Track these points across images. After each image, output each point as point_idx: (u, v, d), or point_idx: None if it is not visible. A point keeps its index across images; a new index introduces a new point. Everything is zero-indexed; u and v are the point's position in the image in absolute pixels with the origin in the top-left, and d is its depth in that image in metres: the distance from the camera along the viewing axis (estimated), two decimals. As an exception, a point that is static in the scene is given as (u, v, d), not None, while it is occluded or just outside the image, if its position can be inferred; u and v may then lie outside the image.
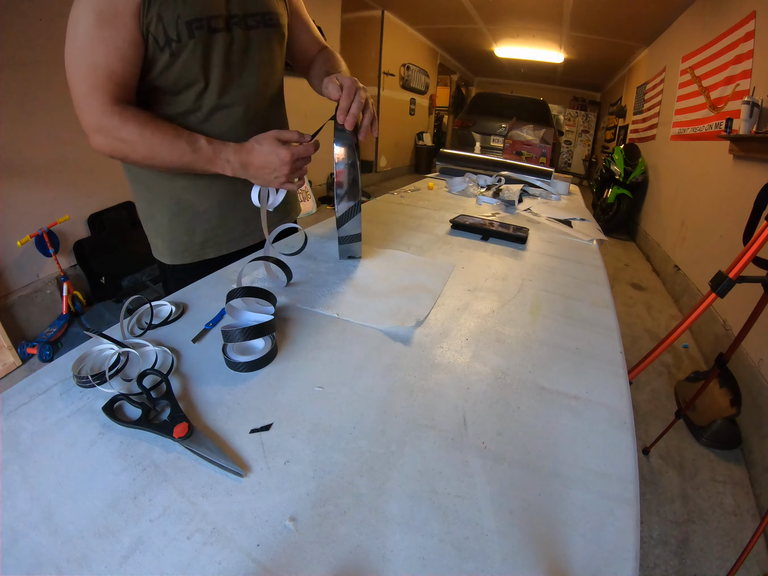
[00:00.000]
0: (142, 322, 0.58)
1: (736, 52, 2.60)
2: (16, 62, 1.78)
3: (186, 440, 0.37)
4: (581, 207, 1.62)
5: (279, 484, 0.36)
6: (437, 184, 1.73)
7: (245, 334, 0.48)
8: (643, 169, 4.43)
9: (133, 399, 0.42)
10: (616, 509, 0.36)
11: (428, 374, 0.51)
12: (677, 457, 1.54)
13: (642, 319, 2.67)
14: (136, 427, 0.39)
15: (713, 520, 1.30)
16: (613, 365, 0.56)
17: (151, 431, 0.39)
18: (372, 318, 0.62)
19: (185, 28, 0.67)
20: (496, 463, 0.40)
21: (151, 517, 0.33)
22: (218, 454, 0.36)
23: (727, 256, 2.09)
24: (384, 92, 6.16)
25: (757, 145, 2.10)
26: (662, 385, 1.97)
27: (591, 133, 9.50)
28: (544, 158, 2.59)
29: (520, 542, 0.33)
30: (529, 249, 1.00)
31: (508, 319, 0.66)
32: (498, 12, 5.02)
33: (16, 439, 0.38)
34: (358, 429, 0.42)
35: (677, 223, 3.33)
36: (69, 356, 0.50)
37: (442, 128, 9.43)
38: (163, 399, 0.42)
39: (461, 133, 6.37)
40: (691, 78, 3.40)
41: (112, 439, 0.39)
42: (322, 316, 0.62)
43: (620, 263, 3.81)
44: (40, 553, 0.30)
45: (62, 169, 2.06)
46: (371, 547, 0.32)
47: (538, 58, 6.92)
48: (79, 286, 2.19)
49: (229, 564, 0.30)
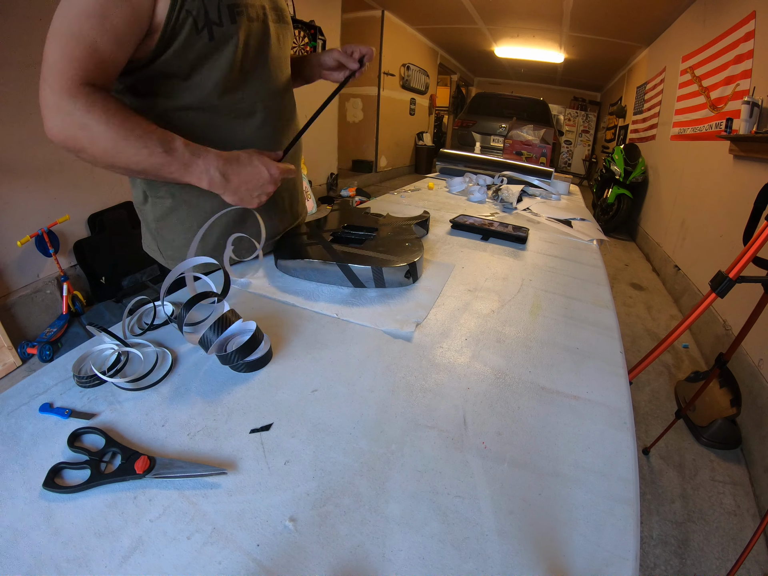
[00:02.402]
0: (143, 322, 0.58)
1: (736, 52, 2.60)
2: (16, 62, 1.78)
3: (151, 472, 0.35)
4: (581, 207, 1.62)
5: (279, 484, 0.36)
6: (437, 184, 1.73)
7: (242, 353, 0.47)
8: (643, 169, 4.43)
9: (73, 464, 0.36)
10: (616, 509, 0.36)
11: (428, 374, 0.51)
12: (677, 457, 1.54)
13: (642, 319, 2.67)
14: (91, 486, 0.34)
15: (713, 520, 1.30)
16: (613, 365, 0.56)
17: (110, 482, 0.35)
18: (372, 319, 0.62)
19: (227, 11, 0.60)
20: (496, 463, 0.40)
21: (151, 517, 0.33)
22: (191, 466, 0.35)
23: (727, 256, 2.09)
24: (384, 92, 6.16)
25: (757, 145, 2.09)
26: (662, 385, 1.97)
27: (591, 133, 9.50)
28: (544, 158, 2.59)
29: (520, 542, 0.33)
30: (529, 249, 1.00)
31: (508, 319, 0.66)
32: (498, 12, 5.02)
33: (16, 439, 0.38)
34: (358, 429, 0.42)
35: (677, 223, 3.33)
36: (69, 356, 0.50)
37: (442, 128, 9.43)
38: (109, 448, 0.38)
39: (461, 133, 6.37)
40: (691, 78, 3.40)
41: (112, 439, 0.39)
42: (321, 316, 0.62)
43: (620, 263, 3.80)
44: (40, 553, 0.30)
45: (62, 169, 2.06)
46: (371, 547, 0.32)
47: (538, 58, 6.92)
48: (79, 286, 2.19)
49: (229, 564, 0.30)
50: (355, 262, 0.70)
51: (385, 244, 0.79)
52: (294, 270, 0.73)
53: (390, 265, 0.70)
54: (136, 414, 0.42)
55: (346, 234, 0.86)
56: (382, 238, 0.82)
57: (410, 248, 0.77)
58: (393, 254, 0.74)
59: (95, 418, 0.41)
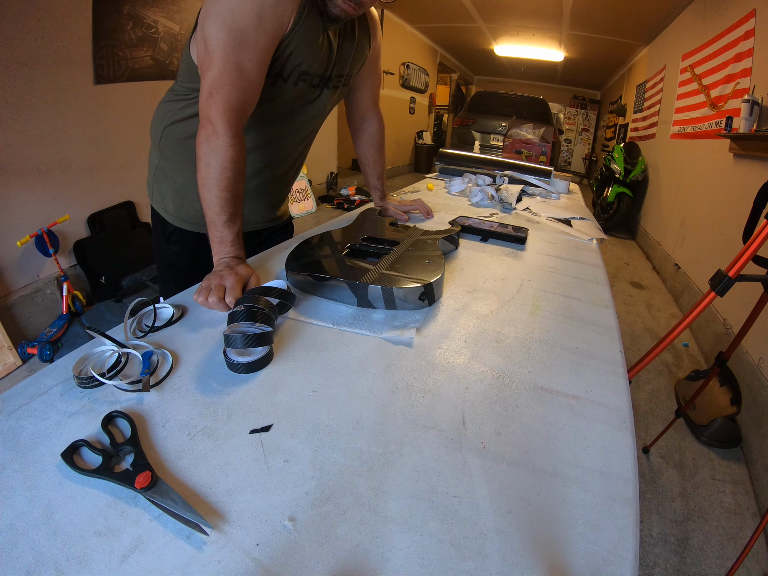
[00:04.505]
0: (143, 324, 0.58)
1: (736, 51, 2.59)
2: (16, 62, 1.78)
3: (148, 491, 0.34)
4: (581, 206, 1.62)
5: (278, 483, 0.36)
6: (437, 185, 1.73)
7: (246, 341, 0.48)
8: (643, 167, 4.43)
9: (94, 445, 0.38)
10: (616, 508, 0.36)
11: (427, 375, 0.51)
12: (677, 456, 1.54)
13: (642, 318, 2.67)
14: (94, 476, 0.36)
15: (713, 518, 1.30)
16: (613, 364, 0.56)
17: (111, 481, 0.35)
18: (370, 326, 0.60)
19: (297, 75, 0.76)
20: (495, 462, 0.40)
21: (151, 516, 0.33)
22: (183, 506, 0.33)
23: (727, 255, 2.09)
24: (384, 91, 6.12)
25: (757, 143, 2.09)
26: (662, 384, 1.97)
27: (591, 132, 9.49)
28: (543, 157, 2.59)
29: (519, 541, 0.33)
30: (528, 249, 1.00)
31: (507, 320, 0.66)
32: (497, 10, 5.02)
33: (16, 439, 0.39)
34: (357, 429, 0.42)
35: (677, 222, 3.33)
36: (69, 357, 0.50)
37: (441, 127, 9.42)
38: (127, 444, 0.38)
39: (461, 131, 6.36)
40: (691, 76, 3.40)
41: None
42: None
43: (620, 262, 3.80)
44: (39, 553, 0.30)
45: (62, 169, 2.06)
46: (370, 547, 0.32)
47: (537, 56, 6.91)
48: (79, 286, 2.20)
49: (229, 563, 0.30)
50: (364, 279, 0.63)
51: (403, 260, 0.71)
52: (300, 282, 0.69)
53: (402, 285, 0.62)
54: (136, 414, 0.42)
55: (364, 247, 0.79)
56: (401, 253, 0.75)
57: (429, 266, 0.69)
58: (409, 272, 0.66)
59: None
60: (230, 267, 0.65)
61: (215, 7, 0.64)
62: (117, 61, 2.22)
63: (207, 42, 0.65)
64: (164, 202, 0.92)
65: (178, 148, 0.87)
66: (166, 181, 0.90)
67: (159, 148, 0.89)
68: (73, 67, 2.02)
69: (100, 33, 2.09)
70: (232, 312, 0.53)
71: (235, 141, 0.66)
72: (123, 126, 2.29)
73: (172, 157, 0.88)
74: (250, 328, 0.53)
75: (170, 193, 0.91)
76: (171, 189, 0.90)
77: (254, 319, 0.52)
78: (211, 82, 0.65)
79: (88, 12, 2.03)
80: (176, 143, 0.87)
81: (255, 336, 0.49)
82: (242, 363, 0.49)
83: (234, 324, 0.52)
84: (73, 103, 2.04)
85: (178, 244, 0.94)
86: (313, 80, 0.80)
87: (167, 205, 0.91)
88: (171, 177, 0.90)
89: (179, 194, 0.90)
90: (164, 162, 0.90)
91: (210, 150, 0.66)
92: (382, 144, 1.13)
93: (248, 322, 0.53)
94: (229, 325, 0.53)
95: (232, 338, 0.48)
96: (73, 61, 2.02)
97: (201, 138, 0.66)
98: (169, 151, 0.88)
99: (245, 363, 0.49)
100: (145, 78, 2.38)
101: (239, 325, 0.53)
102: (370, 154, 1.12)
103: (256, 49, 0.66)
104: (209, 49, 0.65)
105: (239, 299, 0.56)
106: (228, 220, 0.67)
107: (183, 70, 0.82)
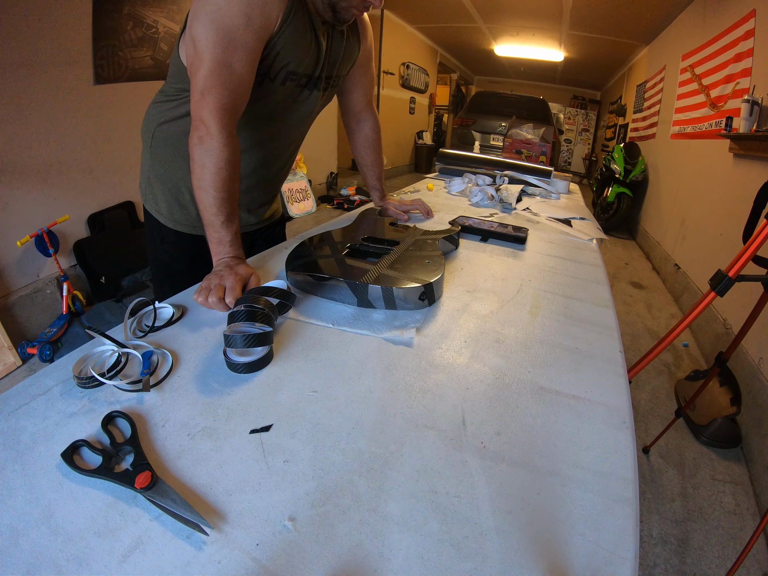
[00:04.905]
0: (143, 324, 0.58)
1: (736, 51, 2.59)
2: (16, 62, 1.78)
3: (148, 491, 0.34)
4: (581, 206, 1.62)
5: (278, 483, 0.36)
6: (437, 185, 1.73)
7: (246, 341, 0.48)
8: (643, 167, 4.42)
9: (94, 445, 0.38)
10: (616, 508, 0.36)
11: (427, 375, 0.51)
12: (677, 456, 1.54)
13: (642, 318, 2.67)
14: (94, 476, 0.36)
15: (713, 519, 1.30)
16: (613, 364, 0.56)
17: (111, 481, 0.35)
18: (370, 326, 0.60)
19: (285, 75, 0.76)
20: (495, 462, 0.40)
21: (151, 516, 0.33)
22: (183, 506, 0.33)
23: (727, 255, 2.09)
24: (384, 91, 6.15)
25: (757, 143, 2.09)
26: (662, 384, 1.97)
27: (591, 132, 9.49)
28: (543, 157, 2.59)
29: (518, 541, 0.33)
30: (528, 249, 1.00)
31: (507, 320, 0.66)
32: (497, 10, 5.01)
33: (16, 439, 0.39)
34: (357, 429, 0.42)
35: (677, 222, 3.33)
36: (69, 357, 0.50)
37: (441, 127, 9.42)
38: (127, 444, 0.38)
39: (461, 131, 6.36)
40: (691, 76, 3.40)
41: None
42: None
43: (620, 262, 3.80)
44: (39, 552, 0.30)
45: (62, 169, 2.06)
46: (370, 547, 0.32)
47: (537, 56, 6.91)
48: (79, 286, 2.19)
49: (229, 563, 0.30)
50: (364, 279, 0.63)
51: (403, 260, 0.72)
52: (300, 282, 0.69)
53: (402, 285, 0.62)
54: (136, 414, 0.42)
55: (364, 247, 0.79)
56: (401, 253, 0.75)
57: (429, 266, 0.70)
58: (409, 272, 0.67)
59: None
60: (230, 267, 0.65)
61: (204, 8, 0.64)
62: (117, 61, 2.22)
63: (196, 43, 0.65)
64: (157, 204, 0.91)
65: (170, 149, 0.86)
66: (159, 183, 0.90)
67: (150, 150, 0.89)
68: (73, 67, 2.02)
69: (100, 33, 2.09)
70: (232, 312, 0.53)
71: (229, 141, 0.66)
72: (123, 126, 2.28)
73: (163, 159, 0.88)
74: (250, 328, 0.53)
75: (163, 195, 0.90)
76: (163, 191, 0.90)
77: (254, 319, 0.52)
78: (202, 82, 0.65)
79: (88, 12, 2.02)
80: (167, 144, 0.86)
81: (255, 336, 0.49)
82: (242, 363, 0.49)
83: (234, 324, 0.52)
84: (73, 103, 2.04)
85: (172, 245, 0.93)
86: (301, 80, 0.80)
87: (160, 207, 0.91)
88: (163, 179, 0.89)
89: (172, 196, 0.90)
90: (156, 164, 0.89)
91: (204, 151, 0.65)
92: (379, 144, 1.14)
93: (248, 322, 0.53)
94: (229, 325, 0.53)
95: (232, 338, 0.48)
96: (73, 61, 2.01)
97: (194, 140, 0.66)
98: (161, 152, 0.88)
99: (245, 363, 0.49)
100: (145, 78, 2.38)
101: (239, 325, 0.53)
102: (368, 155, 1.13)
103: (245, 49, 0.66)
104: (198, 49, 0.65)
105: (239, 299, 0.56)
106: (226, 220, 0.67)
107: (172, 71, 0.81)
